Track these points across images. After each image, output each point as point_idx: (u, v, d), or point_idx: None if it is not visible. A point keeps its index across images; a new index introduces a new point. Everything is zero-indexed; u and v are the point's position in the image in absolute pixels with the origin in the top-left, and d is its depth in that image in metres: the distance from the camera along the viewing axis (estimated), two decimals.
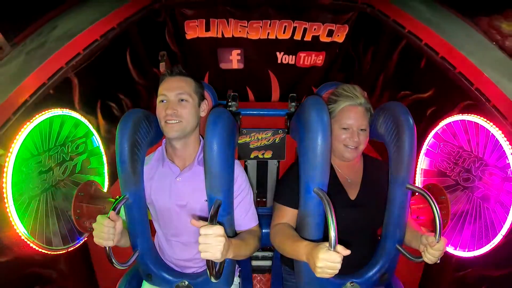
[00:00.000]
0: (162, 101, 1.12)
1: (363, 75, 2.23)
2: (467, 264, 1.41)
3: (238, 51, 2.35)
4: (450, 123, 1.47)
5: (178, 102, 1.11)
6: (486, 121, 1.29)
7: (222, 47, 2.32)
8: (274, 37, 2.22)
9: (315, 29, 2.17)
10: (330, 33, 2.20)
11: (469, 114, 1.37)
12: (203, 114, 1.20)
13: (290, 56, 2.38)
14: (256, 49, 2.31)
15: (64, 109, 1.39)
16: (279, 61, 2.40)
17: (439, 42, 1.52)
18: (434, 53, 1.54)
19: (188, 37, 2.22)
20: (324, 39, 2.23)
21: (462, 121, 1.40)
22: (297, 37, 2.22)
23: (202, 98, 1.20)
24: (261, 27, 2.17)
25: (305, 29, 2.18)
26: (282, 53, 2.36)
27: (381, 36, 1.96)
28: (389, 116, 1.16)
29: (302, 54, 2.36)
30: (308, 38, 2.22)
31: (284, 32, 2.20)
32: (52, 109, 1.32)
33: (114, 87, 1.86)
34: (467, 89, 1.38)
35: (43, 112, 1.28)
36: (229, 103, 1.63)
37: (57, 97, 1.37)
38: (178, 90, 1.11)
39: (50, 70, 1.33)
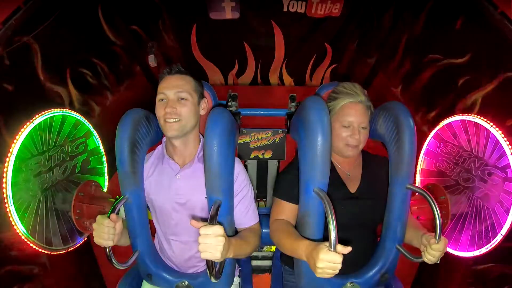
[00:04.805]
0: (162, 99, 1.12)
1: (382, 34, 1.87)
2: (466, 263, 1.41)
3: None
4: (450, 123, 1.47)
5: (178, 100, 1.11)
6: (486, 121, 1.29)
7: None
8: None
9: None
10: None
11: (469, 114, 1.37)
12: (202, 112, 1.20)
13: (299, 2, 1.87)
14: None
15: (64, 109, 1.39)
16: (285, 9, 1.91)
17: None
18: (492, 8, 1.23)
19: None
20: None
21: (462, 121, 1.40)
22: None
23: (201, 96, 1.20)
24: None
25: None
26: None
27: None
28: (389, 116, 1.17)
29: (314, 0, 1.85)
30: None
31: None
32: (52, 109, 1.32)
33: (86, 50, 1.58)
34: None
35: (43, 112, 1.28)
36: (229, 103, 1.63)
37: (12, 68, 1.16)
38: (177, 88, 1.11)
39: None
